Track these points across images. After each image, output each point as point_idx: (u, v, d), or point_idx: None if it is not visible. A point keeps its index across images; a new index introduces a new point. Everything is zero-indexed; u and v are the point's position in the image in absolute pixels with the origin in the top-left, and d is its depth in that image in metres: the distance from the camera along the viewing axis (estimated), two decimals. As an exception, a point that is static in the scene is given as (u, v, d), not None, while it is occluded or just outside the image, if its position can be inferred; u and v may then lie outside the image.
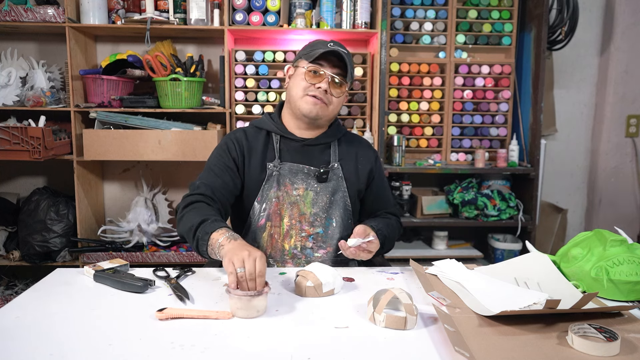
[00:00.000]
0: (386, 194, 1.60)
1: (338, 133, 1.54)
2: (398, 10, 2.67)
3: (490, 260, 2.76)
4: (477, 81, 2.76)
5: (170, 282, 1.20)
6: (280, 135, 1.49)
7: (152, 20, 2.33)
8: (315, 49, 1.42)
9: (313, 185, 1.46)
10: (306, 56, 1.44)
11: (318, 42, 1.46)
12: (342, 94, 1.46)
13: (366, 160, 1.55)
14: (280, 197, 1.44)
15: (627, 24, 2.92)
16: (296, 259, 1.45)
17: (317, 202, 1.45)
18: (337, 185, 1.48)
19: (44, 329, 0.97)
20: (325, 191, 1.46)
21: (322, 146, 1.51)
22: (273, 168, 1.46)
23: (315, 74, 1.42)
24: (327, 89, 1.41)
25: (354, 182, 1.51)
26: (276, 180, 1.45)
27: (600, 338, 0.92)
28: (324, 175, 1.46)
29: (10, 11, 2.28)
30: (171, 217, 2.62)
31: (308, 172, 1.46)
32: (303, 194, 1.46)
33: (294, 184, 1.45)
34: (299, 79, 1.44)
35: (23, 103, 2.37)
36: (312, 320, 1.03)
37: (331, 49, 1.40)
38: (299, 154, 1.49)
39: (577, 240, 1.28)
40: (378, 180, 1.57)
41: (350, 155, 1.53)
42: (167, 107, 2.39)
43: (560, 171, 3.13)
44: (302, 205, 1.45)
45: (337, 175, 1.49)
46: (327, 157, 1.50)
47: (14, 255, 2.48)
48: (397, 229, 1.56)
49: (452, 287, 1.18)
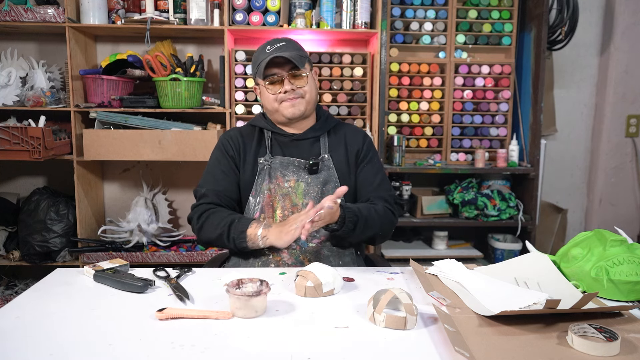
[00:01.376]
0: (377, 178, 1.54)
1: (327, 126, 1.56)
2: (398, 10, 2.67)
3: (490, 260, 2.76)
4: (477, 81, 2.76)
5: (170, 282, 1.20)
6: (272, 132, 1.54)
7: (152, 20, 2.33)
8: (259, 62, 1.45)
9: (304, 176, 1.49)
10: (257, 73, 1.48)
11: (259, 54, 1.47)
12: (308, 79, 1.47)
13: (354, 144, 1.56)
14: (272, 189, 1.48)
15: (627, 24, 2.92)
16: (291, 249, 1.44)
17: (309, 193, 1.47)
18: (328, 176, 1.50)
19: (44, 329, 0.97)
20: (316, 182, 1.48)
21: (311, 139, 1.54)
22: (265, 162, 1.50)
23: (274, 84, 1.46)
24: (292, 87, 1.44)
25: (345, 172, 1.52)
26: (267, 174, 1.48)
27: (600, 338, 0.92)
28: (314, 167, 1.48)
29: (10, 11, 2.28)
30: (171, 217, 2.62)
31: (299, 164, 1.49)
32: (294, 186, 1.48)
33: (285, 176, 1.48)
34: (265, 94, 1.48)
35: (23, 103, 2.37)
36: (312, 320, 1.03)
37: (270, 54, 1.42)
38: (289, 148, 1.53)
39: (577, 240, 1.28)
40: (366, 161, 1.55)
41: (339, 144, 1.55)
42: (167, 107, 2.40)
43: (560, 171, 3.13)
44: (294, 197, 1.47)
45: (328, 166, 1.51)
46: (317, 149, 1.53)
47: (14, 255, 2.48)
48: (383, 216, 1.45)
49: (452, 287, 1.18)
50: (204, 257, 2.46)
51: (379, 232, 1.45)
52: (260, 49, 1.48)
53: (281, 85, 1.45)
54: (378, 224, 1.44)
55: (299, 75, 1.46)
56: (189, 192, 2.76)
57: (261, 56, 1.46)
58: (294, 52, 1.44)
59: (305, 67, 1.47)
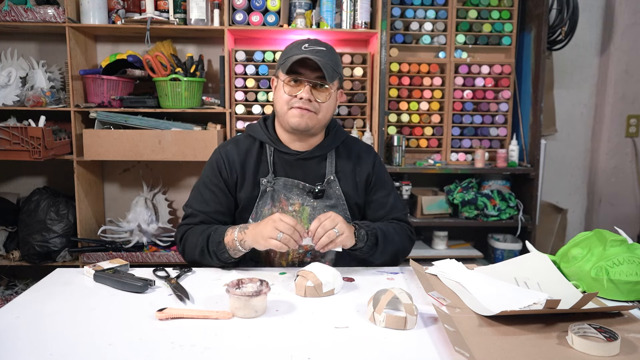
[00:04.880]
0: (390, 199, 1.48)
1: (336, 141, 1.45)
2: (398, 10, 2.67)
3: (490, 260, 2.76)
4: (477, 81, 2.76)
5: (170, 282, 1.20)
6: (274, 148, 1.41)
7: (152, 20, 2.33)
8: (289, 56, 1.31)
9: (309, 200, 1.39)
10: (282, 66, 1.33)
11: (293, 47, 1.34)
12: (330, 96, 1.34)
13: (364, 169, 1.46)
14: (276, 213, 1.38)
15: (627, 24, 2.92)
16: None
17: (315, 217, 1.33)
18: (335, 200, 1.42)
19: (44, 329, 0.97)
20: (322, 206, 1.40)
21: (317, 159, 1.42)
22: (267, 184, 1.38)
23: (295, 84, 1.32)
24: (309, 97, 1.31)
25: (353, 196, 1.43)
26: (270, 197, 1.39)
27: (600, 338, 0.92)
28: (319, 193, 1.39)
29: (10, 11, 2.28)
30: (171, 217, 2.62)
31: (303, 187, 1.40)
32: (299, 210, 1.39)
33: (289, 200, 1.39)
34: (280, 92, 1.34)
35: (23, 103, 2.37)
36: (312, 320, 1.03)
37: (305, 53, 1.28)
38: (293, 168, 1.41)
39: (577, 240, 1.28)
40: (378, 185, 1.48)
41: (348, 166, 1.44)
42: (167, 107, 2.39)
43: (560, 171, 3.13)
44: (299, 221, 1.33)
45: (334, 190, 1.41)
46: (323, 169, 1.42)
47: (14, 255, 2.48)
48: (401, 234, 1.43)
49: (452, 287, 1.18)
50: (204, 257, 2.46)
51: (400, 246, 1.41)
52: (296, 44, 1.34)
53: (300, 89, 1.31)
54: (398, 239, 1.41)
55: (323, 88, 1.33)
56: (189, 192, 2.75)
57: (294, 50, 1.31)
58: (330, 62, 1.30)
59: (334, 84, 1.34)
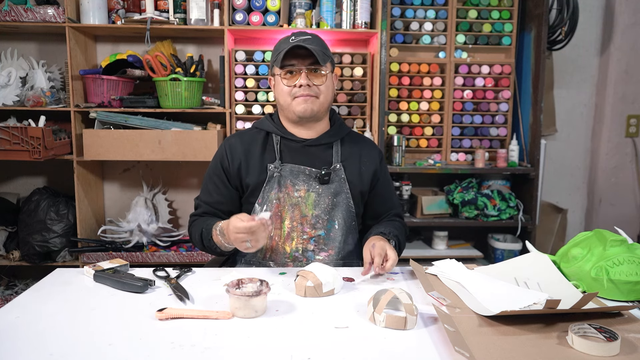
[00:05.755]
0: (391, 195, 1.58)
1: (341, 132, 1.51)
2: (398, 10, 2.67)
3: (490, 260, 2.76)
4: (477, 81, 2.76)
5: (170, 282, 1.20)
6: (281, 136, 1.47)
7: (152, 20, 2.33)
8: (279, 51, 1.39)
9: (315, 186, 1.43)
10: (276, 62, 1.41)
11: (281, 43, 1.43)
12: (326, 79, 1.42)
13: (370, 161, 1.52)
14: (281, 198, 1.42)
15: (627, 24, 2.92)
16: (297, 261, 1.43)
17: (319, 203, 1.43)
18: (339, 187, 1.45)
19: (44, 329, 0.97)
20: (327, 193, 1.43)
21: (323, 146, 1.48)
22: (274, 169, 1.43)
23: (291, 75, 1.40)
24: (308, 82, 1.38)
25: (357, 184, 1.47)
26: (277, 182, 1.42)
27: (600, 338, 0.92)
28: (325, 177, 1.43)
29: (10, 11, 2.28)
30: (171, 217, 2.63)
31: (309, 173, 1.44)
32: (305, 196, 1.43)
33: (295, 185, 1.43)
34: (280, 86, 1.42)
35: (23, 103, 2.37)
36: (312, 320, 1.03)
37: (293, 44, 1.36)
38: (299, 155, 1.46)
39: (577, 240, 1.28)
40: (383, 181, 1.54)
41: (353, 156, 1.50)
42: (167, 107, 2.39)
43: (560, 171, 3.13)
44: (304, 207, 1.42)
45: (340, 177, 1.45)
46: (329, 157, 1.47)
47: (14, 255, 2.48)
48: (403, 233, 1.54)
49: (452, 287, 1.18)
50: (204, 257, 2.46)
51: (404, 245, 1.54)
52: (283, 39, 1.42)
53: (297, 79, 1.39)
54: (403, 239, 1.52)
55: (318, 72, 1.40)
56: (189, 192, 2.77)
57: (283, 45, 1.40)
58: (318, 47, 1.38)
59: (327, 65, 1.41)
